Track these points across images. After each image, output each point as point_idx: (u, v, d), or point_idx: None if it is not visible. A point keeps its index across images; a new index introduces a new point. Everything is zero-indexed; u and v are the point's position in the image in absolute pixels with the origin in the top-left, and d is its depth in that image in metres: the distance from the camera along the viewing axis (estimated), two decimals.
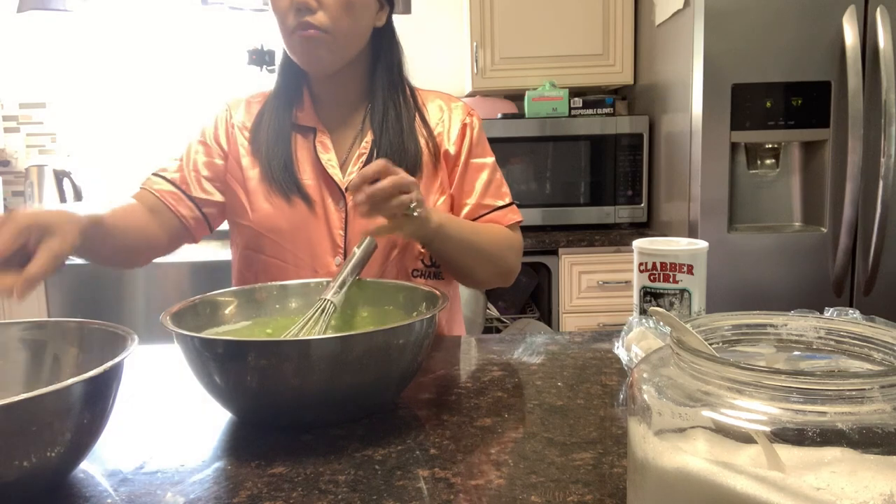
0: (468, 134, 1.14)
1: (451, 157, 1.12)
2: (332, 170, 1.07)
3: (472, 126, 1.14)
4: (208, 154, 1.12)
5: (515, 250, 1.13)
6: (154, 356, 0.97)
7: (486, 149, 1.17)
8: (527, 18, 2.49)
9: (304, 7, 0.97)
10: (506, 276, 1.13)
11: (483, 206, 1.13)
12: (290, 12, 0.99)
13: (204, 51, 2.82)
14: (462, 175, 1.13)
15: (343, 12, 0.99)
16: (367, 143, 1.08)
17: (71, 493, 0.57)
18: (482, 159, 1.15)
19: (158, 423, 0.73)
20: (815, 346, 0.45)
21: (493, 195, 1.14)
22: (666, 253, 0.84)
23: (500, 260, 1.10)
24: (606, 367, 0.85)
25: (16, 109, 2.82)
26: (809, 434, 0.34)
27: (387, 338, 0.67)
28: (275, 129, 1.08)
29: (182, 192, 1.09)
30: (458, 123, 1.14)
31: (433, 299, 0.82)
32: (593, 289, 2.30)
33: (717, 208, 1.96)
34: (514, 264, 1.13)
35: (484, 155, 1.15)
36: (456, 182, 1.13)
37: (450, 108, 1.16)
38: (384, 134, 1.07)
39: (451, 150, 1.12)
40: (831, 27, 1.87)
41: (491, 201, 1.13)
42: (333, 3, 0.99)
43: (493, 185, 1.14)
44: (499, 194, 1.14)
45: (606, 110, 2.51)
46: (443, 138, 1.13)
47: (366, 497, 0.54)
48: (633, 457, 0.43)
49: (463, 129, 1.14)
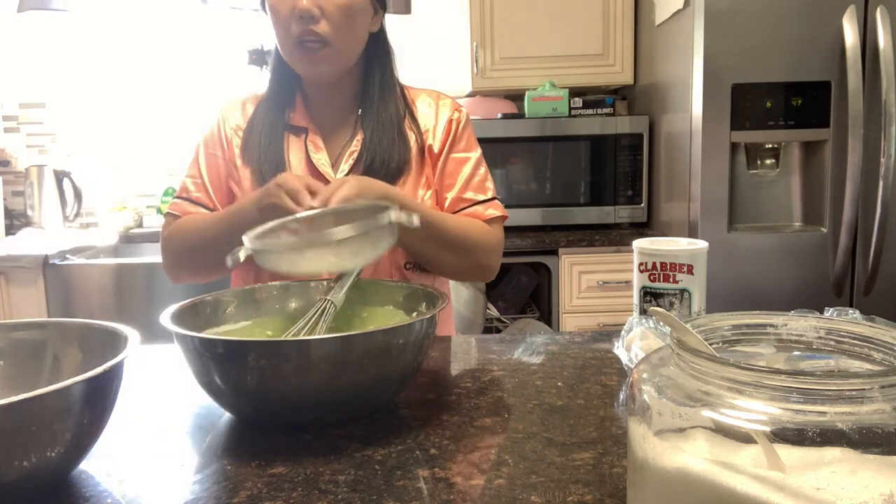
0: (452, 129, 1.14)
1: (434, 152, 1.14)
2: (323, 168, 1.08)
3: (457, 121, 1.15)
4: (215, 164, 1.13)
5: (490, 245, 1.11)
6: (154, 356, 0.97)
7: (472, 143, 1.17)
8: (527, 18, 2.49)
9: (307, 16, 0.98)
10: (482, 271, 1.12)
11: (463, 200, 1.12)
12: (293, 21, 0.99)
13: (204, 51, 2.82)
14: (443, 168, 1.13)
15: (344, 21, 1.00)
16: (358, 142, 1.09)
17: (71, 493, 0.57)
18: (465, 153, 1.15)
19: (158, 423, 0.73)
20: (815, 346, 0.45)
21: (475, 189, 1.13)
22: (666, 253, 0.84)
23: (471, 254, 1.08)
24: (606, 367, 0.85)
25: (16, 109, 2.82)
26: (809, 434, 0.34)
27: (387, 338, 0.67)
28: (267, 133, 1.10)
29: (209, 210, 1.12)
30: (444, 119, 1.15)
31: (433, 299, 0.82)
32: (593, 289, 2.30)
33: (717, 208, 1.96)
34: (488, 259, 1.12)
35: (468, 149, 1.15)
36: (437, 175, 1.14)
37: (438, 104, 1.16)
38: (374, 134, 1.08)
39: (434, 146, 1.13)
40: (831, 27, 1.87)
41: (472, 195, 1.13)
42: (335, 11, 0.99)
43: (475, 179, 1.14)
44: (481, 188, 1.14)
45: (606, 110, 2.51)
46: (429, 134, 1.13)
47: (366, 497, 0.54)
48: (633, 457, 0.43)
49: (448, 124, 1.15)
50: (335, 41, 1.01)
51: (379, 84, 1.11)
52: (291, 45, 1.02)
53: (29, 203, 2.69)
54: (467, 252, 1.08)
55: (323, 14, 0.99)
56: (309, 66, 1.04)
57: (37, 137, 2.84)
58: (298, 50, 1.02)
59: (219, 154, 1.13)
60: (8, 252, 2.17)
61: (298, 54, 1.02)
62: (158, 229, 2.64)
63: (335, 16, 0.99)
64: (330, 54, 1.02)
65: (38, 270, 2.16)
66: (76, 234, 2.69)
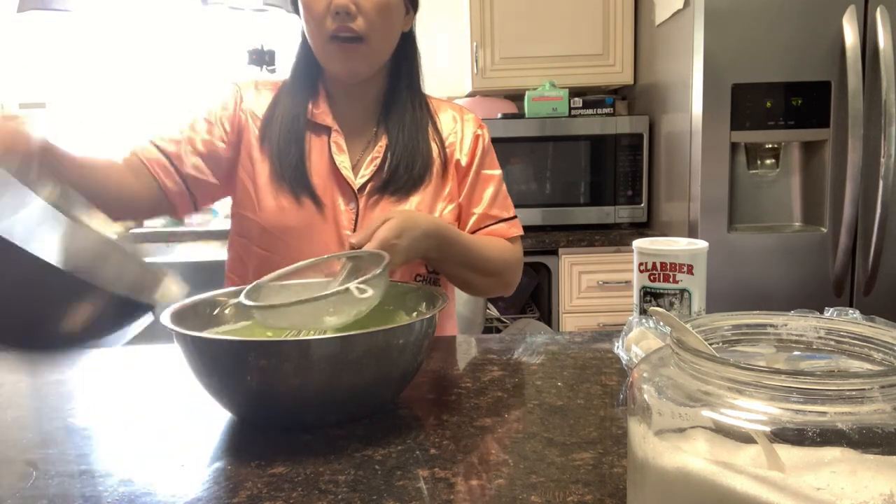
0: (480, 145, 1.16)
1: (462, 167, 1.14)
2: (345, 171, 1.07)
3: (483, 138, 1.17)
4: (210, 133, 1.09)
5: (515, 264, 1.15)
6: (154, 356, 0.97)
7: (495, 161, 1.19)
8: (527, 18, 2.49)
9: (343, 11, 0.97)
10: (505, 288, 1.16)
11: (489, 217, 1.14)
12: (329, 17, 0.98)
13: (204, 51, 2.82)
14: (472, 185, 1.14)
15: (380, 18, 1.00)
16: (381, 148, 1.08)
17: (71, 493, 0.57)
18: (491, 171, 1.17)
19: (159, 422, 0.73)
20: (815, 346, 0.45)
21: (500, 207, 1.16)
22: (666, 253, 0.84)
23: (500, 274, 1.12)
24: (606, 367, 0.85)
25: (16, 109, 2.82)
26: (809, 434, 0.34)
27: (387, 338, 0.67)
28: (287, 126, 1.07)
29: (172, 165, 1.06)
30: (470, 134, 1.16)
31: (433, 299, 0.82)
32: (593, 289, 2.30)
33: (717, 208, 1.96)
34: (514, 277, 1.16)
35: (493, 167, 1.17)
36: (465, 191, 1.14)
37: (462, 119, 1.17)
38: (398, 140, 1.08)
39: (462, 161, 1.14)
40: (831, 27, 1.87)
41: (497, 212, 1.15)
42: (371, 8, 0.99)
43: (499, 197, 1.16)
44: (504, 206, 1.17)
45: (606, 110, 2.51)
46: (455, 148, 1.14)
47: (366, 497, 0.54)
48: (633, 457, 0.43)
49: (475, 139, 1.16)
50: (371, 38, 1.00)
51: (406, 86, 1.11)
52: (325, 40, 1.00)
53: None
54: (497, 273, 1.11)
55: (359, 11, 0.98)
56: (343, 62, 1.02)
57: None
58: (333, 44, 1.00)
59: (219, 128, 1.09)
60: None
61: (333, 49, 1.01)
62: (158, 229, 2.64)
63: (371, 13, 0.99)
64: (365, 51, 1.01)
65: None
66: None
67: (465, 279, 1.09)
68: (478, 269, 1.07)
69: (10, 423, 0.73)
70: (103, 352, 0.99)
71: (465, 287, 1.13)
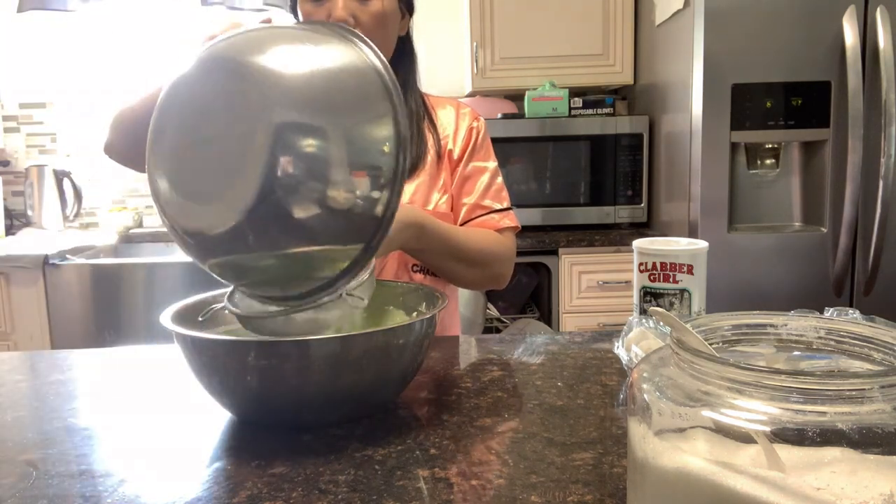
0: (473, 136, 1.17)
1: (454, 157, 1.15)
2: None
3: (477, 129, 1.18)
4: None
5: (505, 256, 1.14)
6: (154, 356, 0.97)
7: (490, 153, 1.19)
8: (527, 18, 2.49)
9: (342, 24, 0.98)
10: (496, 281, 1.15)
11: (480, 207, 1.14)
12: None
13: None
14: (463, 175, 1.15)
15: (378, 28, 1.01)
16: None
17: (71, 493, 0.57)
18: (484, 162, 1.17)
19: (158, 423, 0.73)
20: (815, 346, 0.45)
21: (493, 197, 1.16)
22: (666, 253, 0.84)
23: (486, 264, 1.11)
24: (606, 367, 0.85)
25: (16, 109, 2.82)
26: (809, 434, 0.34)
27: (387, 338, 0.67)
28: None
29: None
30: (465, 127, 1.17)
31: (433, 299, 0.82)
32: (593, 289, 2.30)
33: (717, 208, 1.96)
34: (503, 269, 1.15)
35: (486, 159, 1.18)
36: (456, 181, 1.15)
37: (459, 113, 1.19)
38: None
39: (455, 151, 1.15)
40: (831, 27, 1.87)
41: (489, 203, 1.15)
42: (369, 19, 1.00)
43: (492, 188, 1.16)
44: (498, 198, 1.16)
45: (606, 110, 2.51)
46: (449, 140, 1.15)
47: (366, 497, 0.54)
48: (633, 457, 0.43)
49: (469, 131, 1.17)
50: None
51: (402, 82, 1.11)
52: None
53: (29, 203, 2.69)
54: (484, 265, 1.10)
55: (357, 23, 0.99)
56: None
57: (37, 137, 2.84)
58: None
59: None
60: (8, 252, 2.17)
61: None
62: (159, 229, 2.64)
63: (369, 24, 1.00)
64: None
65: (38, 270, 2.16)
66: (76, 234, 2.69)
67: (451, 270, 1.08)
68: (461, 259, 1.07)
69: (10, 423, 0.73)
70: (103, 352, 0.99)
71: (453, 279, 1.13)
